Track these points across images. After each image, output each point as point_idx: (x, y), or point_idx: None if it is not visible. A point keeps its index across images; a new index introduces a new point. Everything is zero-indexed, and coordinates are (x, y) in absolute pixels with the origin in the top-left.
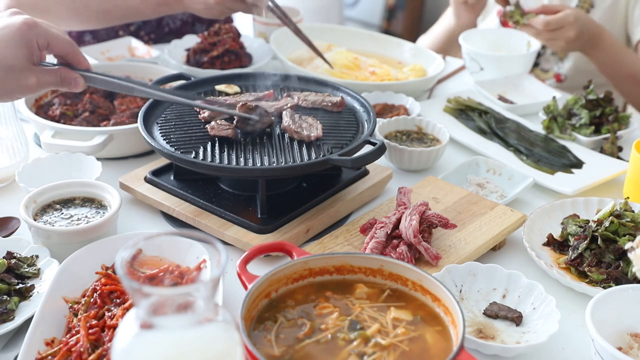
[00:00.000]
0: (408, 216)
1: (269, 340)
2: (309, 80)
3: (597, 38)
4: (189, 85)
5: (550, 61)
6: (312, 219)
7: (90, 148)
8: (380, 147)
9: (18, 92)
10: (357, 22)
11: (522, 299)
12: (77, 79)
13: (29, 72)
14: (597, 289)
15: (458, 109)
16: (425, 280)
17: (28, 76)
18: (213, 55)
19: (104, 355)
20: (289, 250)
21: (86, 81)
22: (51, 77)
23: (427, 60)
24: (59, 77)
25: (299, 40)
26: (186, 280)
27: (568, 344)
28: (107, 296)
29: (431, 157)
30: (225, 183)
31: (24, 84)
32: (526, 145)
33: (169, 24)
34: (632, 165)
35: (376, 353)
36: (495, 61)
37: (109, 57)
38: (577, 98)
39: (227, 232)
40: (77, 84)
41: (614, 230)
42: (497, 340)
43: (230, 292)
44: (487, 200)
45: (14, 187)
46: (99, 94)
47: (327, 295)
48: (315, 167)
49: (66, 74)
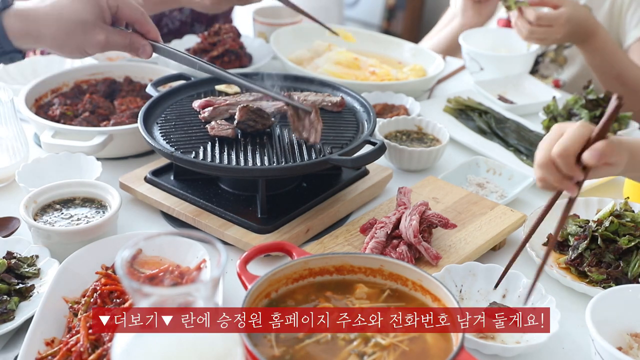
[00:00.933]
0: (408, 216)
1: (269, 340)
2: (309, 80)
3: (590, 35)
4: (189, 86)
5: (550, 68)
6: (312, 219)
7: (90, 148)
8: (380, 147)
9: (88, 47)
10: (357, 22)
11: (522, 298)
12: (145, 46)
13: (100, 29)
14: (597, 289)
15: (458, 109)
16: (425, 280)
17: (98, 32)
18: (213, 55)
19: (104, 355)
20: (289, 250)
21: (155, 51)
22: (120, 38)
23: (427, 60)
24: (128, 40)
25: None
26: (186, 280)
27: (568, 344)
28: (107, 296)
29: (431, 157)
30: (225, 183)
31: (94, 40)
32: (526, 145)
33: (167, 25)
34: None
35: (376, 353)
36: (496, 61)
37: (108, 57)
38: (577, 98)
39: (227, 232)
40: (145, 51)
41: (614, 230)
42: (497, 340)
43: (230, 292)
44: (487, 200)
45: (14, 187)
46: (99, 94)
47: (327, 295)
48: (315, 167)
49: (136, 39)
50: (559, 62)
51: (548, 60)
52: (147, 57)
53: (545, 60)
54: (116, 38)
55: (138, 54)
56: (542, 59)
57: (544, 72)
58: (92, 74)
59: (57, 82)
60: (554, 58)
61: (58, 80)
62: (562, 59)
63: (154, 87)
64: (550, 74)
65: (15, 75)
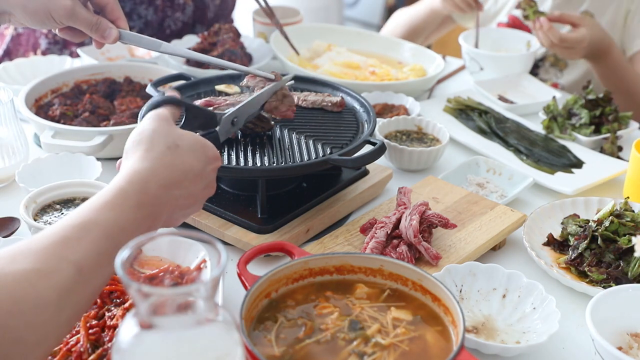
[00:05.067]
0: (408, 216)
1: (269, 340)
2: (309, 80)
3: (604, 52)
4: (189, 85)
5: (550, 72)
6: (312, 219)
7: (90, 148)
8: (380, 147)
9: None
10: (357, 22)
11: (522, 298)
12: (111, 30)
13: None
14: (597, 288)
15: (458, 109)
16: (426, 280)
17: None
18: (213, 55)
19: (104, 355)
20: (289, 250)
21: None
22: (88, 14)
23: (427, 60)
24: (95, 19)
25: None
26: (186, 280)
27: (568, 344)
28: (107, 296)
29: (431, 157)
30: (225, 183)
31: (60, 3)
32: (526, 145)
33: (170, 26)
34: (632, 165)
35: (376, 353)
36: (496, 61)
37: (108, 57)
38: (577, 98)
39: (227, 232)
40: (110, 34)
41: (614, 230)
42: (497, 340)
43: (230, 292)
44: (487, 200)
45: (14, 187)
46: (99, 94)
47: (327, 295)
48: (315, 167)
49: (103, 20)
50: (559, 66)
51: (548, 64)
52: (112, 41)
53: (546, 64)
54: (83, 11)
55: (104, 37)
56: (542, 62)
57: (544, 75)
58: (92, 74)
59: (57, 82)
60: (554, 62)
61: (58, 80)
62: (563, 63)
63: (154, 87)
64: (550, 78)
65: (15, 76)
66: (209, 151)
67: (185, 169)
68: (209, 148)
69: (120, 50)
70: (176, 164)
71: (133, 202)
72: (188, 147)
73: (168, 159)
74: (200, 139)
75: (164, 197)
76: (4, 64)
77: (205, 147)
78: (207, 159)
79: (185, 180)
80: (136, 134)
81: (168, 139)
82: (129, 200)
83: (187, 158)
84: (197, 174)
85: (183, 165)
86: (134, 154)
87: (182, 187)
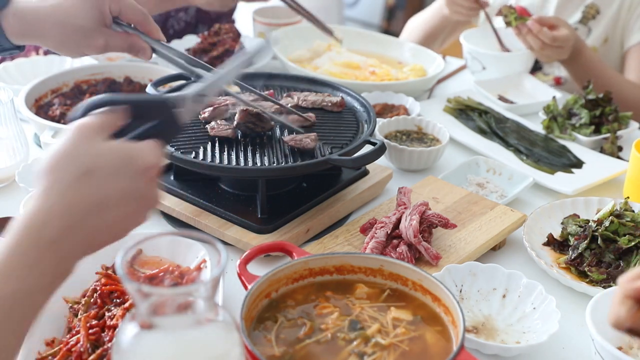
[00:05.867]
0: (408, 216)
1: (269, 340)
2: (309, 80)
3: (579, 51)
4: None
5: (553, 65)
6: (312, 219)
7: None
8: (380, 147)
9: (87, 50)
10: (357, 22)
11: (522, 298)
12: (145, 49)
13: (99, 34)
14: (597, 288)
15: (458, 109)
16: (426, 280)
17: (97, 38)
18: (213, 55)
19: (104, 355)
20: (289, 250)
21: (155, 52)
22: (120, 41)
23: (427, 60)
24: (127, 44)
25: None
26: (186, 280)
27: (568, 344)
28: (107, 296)
29: (431, 157)
30: (225, 183)
31: (92, 44)
32: (526, 145)
33: (173, 26)
34: (632, 165)
35: (376, 353)
36: (498, 60)
37: (109, 57)
38: (577, 98)
39: (227, 232)
40: (145, 54)
41: (614, 230)
42: (497, 340)
43: (230, 292)
44: (487, 200)
45: (14, 187)
46: (99, 94)
47: (327, 295)
48: (315, 167)
49: (136, 41)
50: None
51: None
52: (146, 58)
53: None
54: (116, 41)
55: (138, 56)
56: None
57: (548, 70)
58: (92, 74)
59: (57, 82)
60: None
61: (58, 80)
62: None
63: (154, 87)
64: (553, 72)
65: (15, 75)
66: (137, 163)
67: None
68: (138, 159)
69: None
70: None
71: (30, 260)
72: (108, 168)
73: (76, 192)
74: (126, 151)
75: (69, 239)
76: (4, 64)
77: (132, 161)
78: (135, 174)
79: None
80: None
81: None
82: (25, 257)
83: (104, 183)
84: (122, 196)
85: (99, 194)
86: (38, 187)
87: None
